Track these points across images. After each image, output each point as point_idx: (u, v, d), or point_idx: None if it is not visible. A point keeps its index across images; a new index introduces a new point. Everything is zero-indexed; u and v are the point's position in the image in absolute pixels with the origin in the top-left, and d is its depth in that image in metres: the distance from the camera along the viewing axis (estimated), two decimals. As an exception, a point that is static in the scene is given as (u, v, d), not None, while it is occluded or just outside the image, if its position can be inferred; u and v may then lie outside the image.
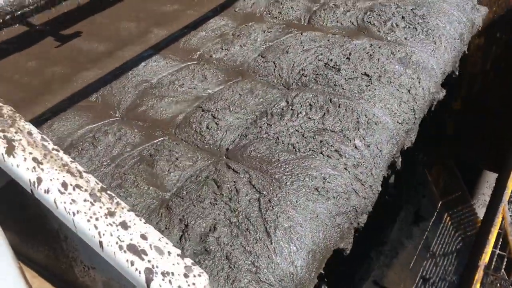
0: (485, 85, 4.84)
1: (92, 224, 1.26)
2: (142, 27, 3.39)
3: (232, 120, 2.49)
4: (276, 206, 1.98)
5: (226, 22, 3.47)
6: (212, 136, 2.42)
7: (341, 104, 2.50)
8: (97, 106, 2.73)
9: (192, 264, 1.23)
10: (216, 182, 2.10)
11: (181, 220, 1.98)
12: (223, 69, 2.97)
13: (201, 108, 2.58)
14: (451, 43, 3.24)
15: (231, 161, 2.25)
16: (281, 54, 2.97)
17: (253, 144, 2.31)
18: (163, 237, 1.26)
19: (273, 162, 2.20)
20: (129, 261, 1.21)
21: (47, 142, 1.37)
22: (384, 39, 3.09)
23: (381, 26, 3.21)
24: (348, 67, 2.78)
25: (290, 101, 2.55)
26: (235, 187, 2.06)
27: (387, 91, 2.66)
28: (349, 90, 2.63)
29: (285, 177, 2.13)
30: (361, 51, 2.92)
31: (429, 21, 3.22)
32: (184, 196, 2.07)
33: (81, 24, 3.40)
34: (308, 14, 3.48)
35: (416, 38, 3.08)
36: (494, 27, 4.39)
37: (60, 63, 3.03)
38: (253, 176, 2.12)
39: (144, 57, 3.04)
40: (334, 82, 2.69)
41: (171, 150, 2.34)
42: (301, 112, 2.46)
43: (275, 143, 2.30)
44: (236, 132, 2.43)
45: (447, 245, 5.13)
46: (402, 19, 3.23)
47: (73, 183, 1.31)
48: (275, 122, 2.42)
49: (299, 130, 2.36)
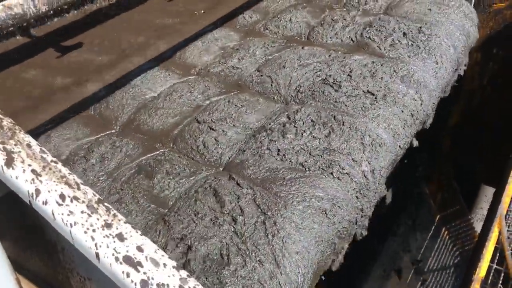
0: (482, 100, 4.87)
1: (89, 236, 1.27)
2: (142, 39, 3.42)
3: (231, 134, 2.50)
4: (281, 230, 1.97)
5: (226, 36, 3.50)
6: (211, 149, 2.43)
7: (345, 122, 2.50)
8: (96, 117, 2.75)
9: (187, 276, 1.24)
10: (217, 197, 2.10)
11: (182, 239, 1.97)
12: (222, 82, 2.99)
13: (200, 121, 2.60)
14: (452, 64, 3.25)
15: (232, 175, 2.25)
16: (280, 69, 2.99)
17: (254, 159, 2.31)
18: (158, 249, 1.27)
19: (277, 179, 2.19)
20: (125, 272, 1.22)
21: (46, 154, 1.39)
22: (385, 56, 3.10)
23: (381, 42, 3.23)
24: (349, 84, 2.78)
25: (292, 117, 2.55)
26: (239, 206, 2.05)
27: (392, 112, 2.66)
28: (352, 108, 2.63)
29: (291, 196, 2.11)
30: (362, 68, 2.92)
31: (431, 39, 3.23)
32: (183, 212, 2.08)
33: (82, 36, 3.43)
34: (308, 30, 3.52)
35: (419, 56, 3.09)
36: (491, 43, 4.42)
37: (61, 74, 3.05)
38: (257, 194, 2.11)
39: (144, 69, 3.07)
40: (335, 98, 2.69)
41: (170, 163, 2.35)
42: (304, 129, 2.44)
43: (280, 160, 2.30)
44: (235, 146, 2.44)
45: (445, 259, 5.12)
46: (404, 36, 3.25)
47: (70, 195, 1.32)
48: (277, 138, 2.41)
49: (305, 148, 2.35)
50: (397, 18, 3.44)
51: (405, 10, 3.62)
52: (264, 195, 2.09)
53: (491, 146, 5.02)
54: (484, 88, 4.80)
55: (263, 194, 2.10)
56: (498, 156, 3.99)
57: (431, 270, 4.99)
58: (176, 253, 1.92)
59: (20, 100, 2.86)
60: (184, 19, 3.70)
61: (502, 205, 2.78)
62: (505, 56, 4.52)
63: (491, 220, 2.50)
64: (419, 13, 3.55)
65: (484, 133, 5.07)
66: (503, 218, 2.84)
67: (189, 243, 1.93)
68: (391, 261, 4.94)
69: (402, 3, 3.72)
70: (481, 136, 5.10)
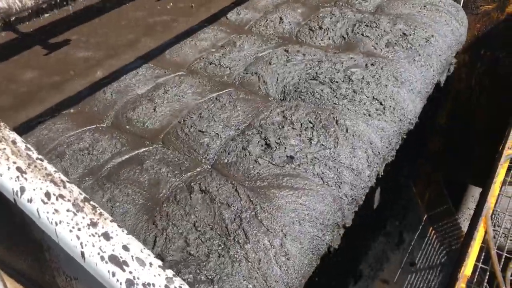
0: (470, 101, 4.91)
1: (74, 235, 1.26)
2: (131, 36, 3.40)
3: (219, 132, 2.50)
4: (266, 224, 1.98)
5: (216, 33, 3.49)
6: (199, 147, 2.42)
7: (334, 119, 2.50)
8: (84, 114, 2.73)
9: (173, 276, 1.24)
10: (206, 194, 2.10)
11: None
12: (211, 80, 2.98)
13: (188, 119, 2.59)
14: (440, 65, 3.28)
15: (219, 172, 2.25)
16: (269, 67, 2.99)
17: (241, 157, 2.31)
18: (144, 248, 1.27)
19: (264, 178, 2.20)
20: (110, 272, 1.21)
21: (31, 152, 1.37)
22: (376, 55, 3.11)
23: (372, 41, 3.24)
24: (339, 82, 2.80)
25: (282, 115, 2.55)
26: (226, 202, 2.06)
27: (390, 119, 2.68)
28: (341, 105, 2.64)
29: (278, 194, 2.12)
30: (352, 67, 2.93)
31: (420, 39, 3.25)
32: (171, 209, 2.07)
33: (70, 33, 3.40)
34: (298, 28, 3.52)
35: (407, 56, 3.10)
36: (478, 44, 4.46)
37: (48, 71, 3.02)
38: (242, 190, 2.12)
39: (132, 67, 3.05)
40: (324, 96, 2.70)
41: (158, 160, 2.34)
42: (293, 128, 2.44)
43: (268, 158, 2.29)
44: (224, 144, 2.44)
45: (432, 258, 5.16)
46: (393, 35, 3.27)
47: (56, 193, 1.31)
48: (265, 136, 2.41)
49: (292, 147, 2.36)
50: (387, 18, 3.45)
51: (395, 10, 3.64)
52: (251, 192, 2.10)
53: (478, 147, 5.06)
54: (472, 89, 4.84)
55: (249, 191, 2.10)
56: (485, 156, 4.03)
57: (418, 269, 5.03)
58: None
59: (6, 98, 2.82)
60: (174, 17, 3.68)
61: (488, 205, 2.80)
62: (493, 57, 4.56)
63: (477, 220, 2.53)
64: (409, 14, 3.58)
65: (471, 133, 5.11)
66: (489, 217, 2.87)
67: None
68: (378, 261, 4.97)
69: (393, 3, 3.74)
70: (468, 137, 5.15)
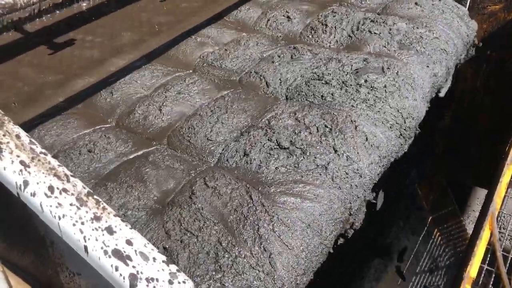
0: (476, 102, 4.89)
1: (78, 229, 1.25)
2: (136, 36, 3.40)
3: (223, 131, 2.49)
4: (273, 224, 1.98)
5: (220, 32, 3.49)
6: (204, 146, 2.42)
7: (339, 117, 2.49)
8: (88, 113, 2.73)
9: (177, 271, 1.23)
10: (213, 191, 2.09)
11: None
12: (215, 79, 2.98)
13: (193, 118, 2.58)
14: (446, 66, 3.27)
15: (224, 171, 2.24)
16: (273, 66, 2.98)
17: (246, 156, 2.30)
18: (148, 243, 1.26)
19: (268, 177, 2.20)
20: (113, 266, 1.21)
21: (35, 146, 1.37)
22: (381, 55, 3.10)
23: (377, 41, 3.23)
24: (343, 81, 2.79)
25: (287, 115, 2.53)
26: (231, 197, 2.05)
27: (387, 111, 2.67)
28: (348, 103, 2.63)
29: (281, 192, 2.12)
30: (356, 65, 2.92)
31: (427, 40, 3.24)
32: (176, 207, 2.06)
33: (75, 32, 3.41)
34: (303, 27, 3.51)
35: (414, 57, 3.09)
36: (484, 45, 4.44)
37: (53, 70, 3.03)
38: (246, 188, 2.11)
39: (137, 66, 3.05)
40: (328, 95, 2.69)
41: (163, 159, 2.34)
42: (299, 127, 2.42)
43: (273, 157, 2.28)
44: (229, 143, 2.43)
45: (437, 260, 5.13)
46: (400, 36, 3.26)
47: (59, 187, 1.31)
48: (270, 136, 2.40)
49: (296, 143, 2.35)
50: (393, 18, 3.44)
51: (401, 11, 3.63)
52: (255, 190, 2.09)
53: (483, 148, 5.04)
54: (478, 90, 4.82)
55: (253, 190, 2.09)
56: (491, 157, 4.00)
57: (423, 271, 5.00)
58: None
59: (11, 96, 2.83)
60: (178, 17, 3.68)
61: (493, 206, 2.78)
62: (499, 58, 4.54)
63: (483, 220, 2.51)
64: (415, 14, 3.57)
65: (476, 134, 5.09)
66: (494, 219, 2.85)
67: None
68: (382, 262, 4.94)
69: (398, 3, 3.73)
70: (473, 138, 5.12)
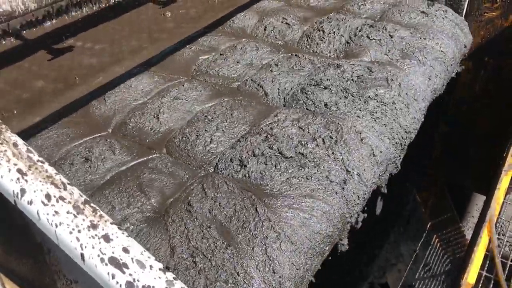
0: (474, 108, 4.91)
1: (74, 236, 1.26)
2: (135, 43, 3.41)
3: (221, 139, 2.49)
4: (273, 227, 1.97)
5: (219, 39, 3.50)
6: (202, 153, 2.42)
7: (337, 125, 2.49)
8: (87, 121, 2.73)
9: (173, 279, 1.23)
10: (211, 199, 2.09)
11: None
12: (213, 87, 2.99)
13: (192, 125, 2.59)
14: (443, 72, 3.28)
15: (223, 178, 2.23)
16: (272, 74, 2.99)
17: (244, 163, 2.30)
18: (145, 250, 1.26)
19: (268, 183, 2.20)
20: (110, 274, 1.21)
21: (32, 154, 1.38)
22: (378, 62, 3.11)
23: (374, 48, 3.24)
24: (341, 90, 2.79)
25: (284, 123, 2.53)
26: (230, 205, 2.05)
27: (385, 120, 2.68)
28: (346, 110, 2.63)
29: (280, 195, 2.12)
30: (353, 72, 2.93)
31: (425, 47, 3.25)
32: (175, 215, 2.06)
33: (75, 39, 3.41)
34: (301, 34, 3.53)
35: (411, 63, 3.10)
36: (482, 51, 4.46)
37: (52, 77, 3.03)
38: (245, 195, 2.11)
39: (135, 73, 3.06)
40: (327, 103, 2.70)
41: (163, 167, 2.34)
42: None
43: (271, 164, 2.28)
44: (226, 150, 2.43)
45: (436, 266, 5.13)
46: (397, 43, 3.27)
47: (56, 195, 1.31)
48: (268, 143, 2.40)
49: (295, 152, 2.35)
50: (390, 25, 3.46)
51: (398, 18, 3.64)
52: (260, 203, 2.08)
53: (482, 151, 5.04)
54: (476, 95, 4.84)
55: (258, 202, 2.08)
56: (490, 160, 4.01)
57: (422, 277, 5.00)
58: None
59: (9, 103, 2.83)
60: (177, 24, 3.70)
61: (491, 212, 2.78)
62: (497, 65, 4.56)
63: (480, 226, 2.51)
64: (413, 22, 3.58)
65: (475, 140, 5.10)
66: (493, 225, 2.85)
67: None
68: (381, 268, 4.94)
69: (396, 11, 3.74)
70: (473, 141, 5.13)
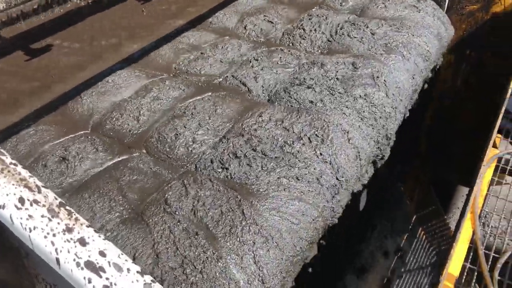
0: (456, 101, 4.94)
1: (49, 241, 1.23)
2: (115, 40, 3.37)
3: (204, 136, 2.47)
4: (256, 223, 1.96)
5: (199, 36, 3.47)
6: (184, 151, 2.40)
7: (318, 120, 2.49)
8: (65, 121, 2.69)
9: (151, 282, 1.21)
10: (192, 198, 2.07)
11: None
12: (195, 83, 2.96)
13: (173, 123, 2.56)
14: (425, 65, 3.29)
15: (206, 176, 2.22)
16: (254, 70, 2.97)
17: (226, 160, 2.29)
18: (122, 253, 1.24)
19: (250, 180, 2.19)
20: (86, 278, 1.18)
21: (4, 156, 1.34)
22: (361, 56, 3.10)
23: (356, 43, 3.23)
24: (323, 84, 2.79)
25: (265, 118, 2.53)
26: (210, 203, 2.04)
27: (359, 113, 2.67)
28: (327, 106, 2.63)
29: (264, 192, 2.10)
30: (337, 68, 2.93)
31: (406, 40, 3.26)
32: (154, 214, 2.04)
33: (53, 38, 3.37)
34: (283, 31, 3.51)
35: (393, 57, 3.10)
36: (463, 44, 4.48)
37: (30, 77, 2.99)
38: (226, 192, 2.09)
39: (115, 70, 3.02)
40: (308, 99, 2.69)
41: (141, 165, 2.31)
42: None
43: (254, 160, 2.27)
44: (209, 148, 2.41)
45: (421, 259, 5.16)
46: (379, 37, 3.27)
47: (30, 198, 1.28)
48: (250, 139, 2.39)
49: (275, 145, 2.34)
50: (371, 20, 3.45)
51: (379, 12, 3.64)
52: (238, 197, 2.07)
53: (466, 147, 5.08)
54: (459, 89, 4.86)
55: (237, 196, 2.07)
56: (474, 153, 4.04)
57: (408, 270, 5.03)
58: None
59: (-14, 104, 2.79)
60: (158, 20, 3.66)
61: (475, 204, 2.80)
62: (478, 58, 4.58)
63: (462, 219, 2.53)
64: (392, 15, 3.59)
65: (458, 134, 5.13)
66: (476, 217, 2.87)
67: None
68: (367, 262, 4.96)
69: (377, 5, 3.74)
70: (456, 135, 5.17)
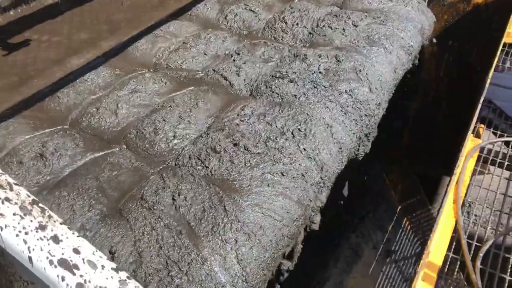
0: (440, 92, 4.96)
1: (21, 239, 1.21)
2: (93, 35, 3.31)
3: (185, 130, 2.45)
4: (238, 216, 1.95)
5: (181, 29, 3.44)
6: (165, 146, 2.38)
7: (301, 113, 2.49)
8: (43, 116, 2.65)
9: (127, 278, 1.19)
10: (173, 194, 2.05)
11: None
12: (176, 77, 2.93)
13: (152, 118, 2.53)
14: (406, 56, 3.29)
15: (186, 171, 2.20)
16: (235, 63, 2.95)
17: (208, 155, 2.27)
18: (97, 250, 1.22)
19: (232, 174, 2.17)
20: (59, 276, 1.17)
21: (-25, 154, 1.31)
22: (342, 48, 3.10)
23: (338, 34, 3.22)
24: (305, 78, 2.78)
25: (247, 112, 2.52)
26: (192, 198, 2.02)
27: (341, 104, 2.67)
28: (309, 99, 2.62)
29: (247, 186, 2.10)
30: (318, 59, 2.92)
31: (387, 32, 3.26)
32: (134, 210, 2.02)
33: (31, 32, 3.30)
34: (265, 23, 3.49)
35: (374, 49, 3.10)
36: (446, 35, 4.50)
37: (7, 72, 2.92)
38: (211, 189, 2.08)
39: (94, 66, 2.98)
40: (291, 92, 2.68)
41: (120, 161, 2.29)
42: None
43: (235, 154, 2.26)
44: (190, 143, 2.39)
45: (407, 249, 5.20)
46: (360, 29, 3.26)
47: (2, 196, 1.26)
48: (232, 134, 2.38)
49: (258, 139, 2.33)
50: (353, 11, 3.45)
51: (361, 4, 3.64)
52: (220, 193, 2.06)
53: (448, 137, 5.11)
54: (441, 80, 4.89)
55: (219, 192, 2.06)
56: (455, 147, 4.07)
57: (393, 260, 5.06)
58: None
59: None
60: (138, 14, 3.60)
61: (458, 194, 2.82)
62: (460, 48, 4.61)
63: (442, 208, 2.55)
64: (375, 7, 3.58)
65: (441, 124, 5.16)
66: (459, 207, 2.88)
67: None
68: (353, 253, 4.98)
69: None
70: (439, 127, 5.20)
